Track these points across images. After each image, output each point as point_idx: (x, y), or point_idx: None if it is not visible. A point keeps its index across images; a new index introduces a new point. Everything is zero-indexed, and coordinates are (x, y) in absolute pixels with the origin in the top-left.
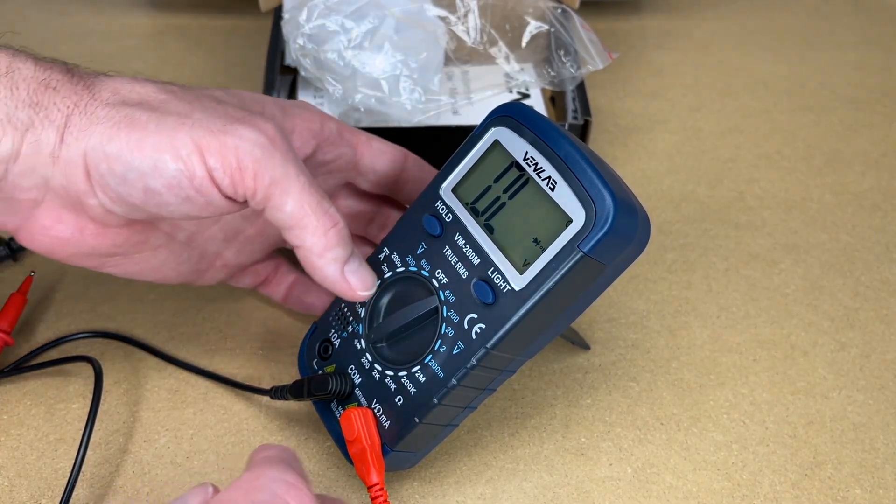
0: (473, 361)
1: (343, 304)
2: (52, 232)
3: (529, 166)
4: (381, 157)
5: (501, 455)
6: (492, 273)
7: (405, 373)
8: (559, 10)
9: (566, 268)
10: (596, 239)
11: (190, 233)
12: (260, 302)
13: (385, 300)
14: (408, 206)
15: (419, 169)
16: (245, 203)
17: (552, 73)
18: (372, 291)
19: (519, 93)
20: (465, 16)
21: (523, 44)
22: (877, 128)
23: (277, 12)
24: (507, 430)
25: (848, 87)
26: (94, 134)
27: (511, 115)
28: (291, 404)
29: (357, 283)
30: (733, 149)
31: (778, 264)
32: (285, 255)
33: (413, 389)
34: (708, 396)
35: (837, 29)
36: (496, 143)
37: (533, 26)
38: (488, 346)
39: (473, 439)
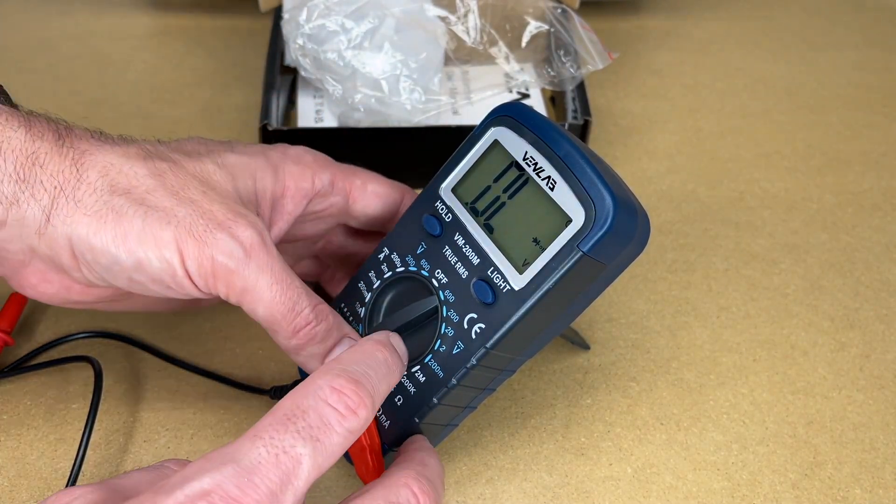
0: (473, 361)
1: (343, 305)
2: (38, 288)
3: (529, 166)
4: (374, 201)
5: (501, 455)
6: (491, 273)
7: (405, 372)
8: (559, 10)
9: (566, 267)
10: (595, 239)
11: None
12: None
13: (385, 300)
14: None
15: None
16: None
17: (552, 73)
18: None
19: (519, 93)
20: (465, 16)
21: (523, 44)
22: (877, 128)
23: (277, 12)
24: (507, 430)
25: (848, 87)
26: (79, 223)
27: (511, 114)
28: None
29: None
30: (733, 149)
31: (778, 264)
32: None
33: (413, 389)
34: (708, 396)
35: (837, 29)
36: (496, 143)
37: (533, 26)
38: (488, 345)
39: (473, 439)
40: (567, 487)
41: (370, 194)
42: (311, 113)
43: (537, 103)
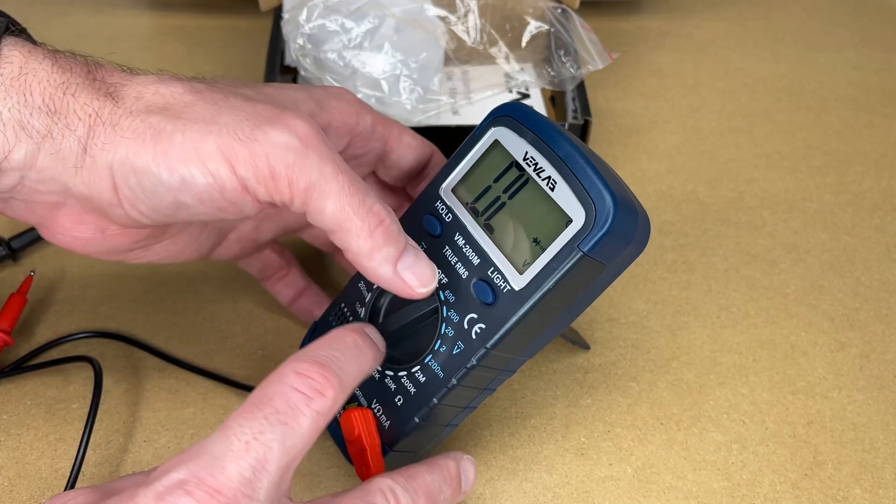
0: (473, 361)
1: (343, 305)
2: (72, 232)
3: (529, 166)
4: (408, 153)
5: (501, 455)
6: (492, 273)
7: (405, 373)
8: (559, 10)
9: (566, 268)
10: (596, 239)
11: None
12: (260, 302)
13: (385, 300)
14: None
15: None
16: (283, 206)
17: (552, 73)
18: (433, 286)
19: (519, 93)
20: (465, 16)
21: (523, 44)
22: (877, 128)
23: (277, 12)
24: (507, 430)
25: (848, 87)
26: (119, 147)
27: (511, 114)
28: None
29: (414, 281)
30: (733, 149)
31: (778, 264)
32: (298, 255)
33: (413, 389)
34: (708, 396)
35: (837, 29)
36: (496, 143)
37: (533, 26)
38: (488, 345)
39: (473, 439)
40: (567, 487)
41: (405, 146)
42: None
43: (537, 103)
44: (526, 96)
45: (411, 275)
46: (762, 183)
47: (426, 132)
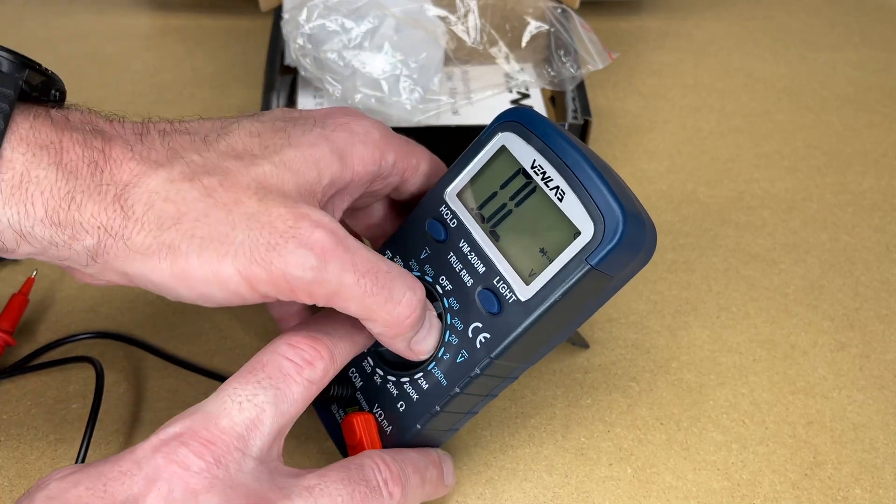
0: (477, 370)
1: None
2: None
3: (537, 175)
4: (421, 180)
5: (501, 455)
6: (497, 282)
7: (408, 379)
8: (559, 10)
9: (573, 280)
10: (605, 252)
11: None
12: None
13: None
14: None
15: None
16: None
17: (552, 73)
18: (432, 352)
19: (519, 93)
20: (465, 16)
21: (523, 44)
22: (877, 128)
23: (277, 12)
24: (507, 430)
25: (848, 87)
26: (134, 262)
27: (519, 120)
28: None
29: (421, 351)
30: (733, 149)
31: (778, 264)
32: None
33: (415, 396)
34: (708, 396)
35: (837, 29)
36: (503, 149)
37: (533, 26)
38: (493, 355)
39: (473, 439)
40: (567, 487)
41: (421, 174)
42: None
43: (537, 103)
44: (526, 96)
45: (420, 347)
46: (762, 183)
47: (426, 132)
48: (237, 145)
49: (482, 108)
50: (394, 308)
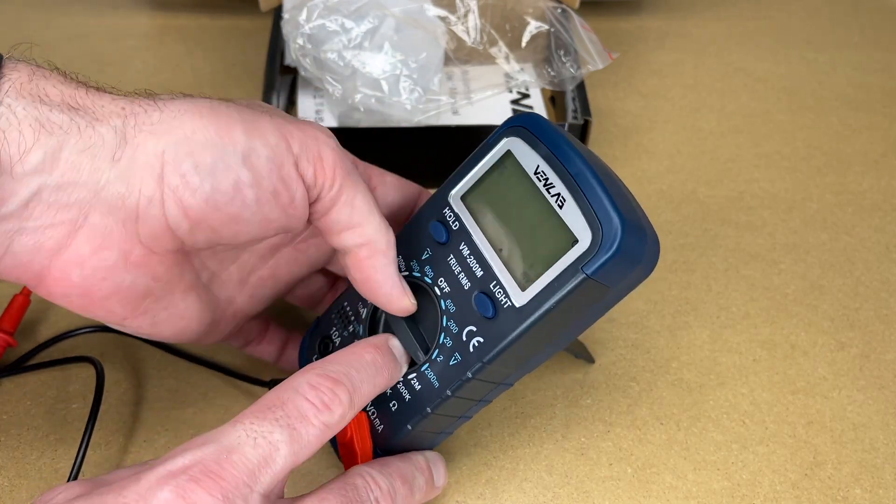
0: (469, 374)
1: (346, 303)
2: (91, 263)
3: (540, 181)
4: (393, 191)
5: (501, 455)
6: (494, 287)
7: (401, 379)
8: (559, 10)
9: (568, 288)
10: (600, 262)
11: (211, 273)
12: None
13: None
14: None
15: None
16: (312, 204)
17: (552, 73)
18: (412, 309)
19: (519, 93)
20: (465, 16)
21: (523, 44)
22: (877, 128)
23: (277, 12)
24: (507, 430)
25: (848, 87)
26: (174, 124)
27: (526, 126)
28: None
29: (408, 291)
30: (733, 149)
31: (778, 264)
32: (273, 314)
33: (408, 396)
34: (708, 396)
35: (837, 29)
36: (508, 154)
37: (533, 26)
38: (485, 360)
39: (473, 439)
40: (567, 487)
41: (388, 185)
42: (311, 113)
43: (537, 103)
44: (526, 96)
45: (408, 288)
46: (762, 183)
47: (426, 132)
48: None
49: (482, 108)
50: (386, 228)
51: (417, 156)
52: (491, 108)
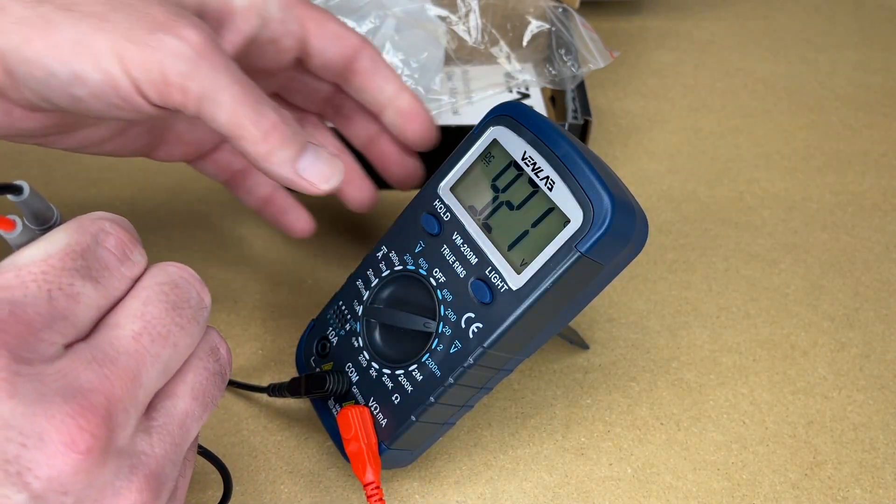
0: (470, 360)
1: (341, 303)
2: None
3: (528, 166)
4: (333, 42)
5: (501, 455)
6: (489, 272)
7: (402, 371)
8: (560, 10)
9: (563, 268)
10: (593, 239)
11: None
12: (260, 301)
13: (383, 299)
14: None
15: (372, 64)
16: (177, 111)
17: (553, 73)
18: (335, 182)
19: (519, 92)
20: (466, 15)
21: (524, 43)
22: (877, 128)
23: None
24: (507, 430)
25: (848, 87)
26: (9, 32)
27: (510, 114)
28: (291, 403)
29: (315, 178)
30: (733, 149)
31: (778, 264)
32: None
33: (410, 388)
34: (708, 396)
35: (837, 29)
36: (495, 142)
37: (534, 25)
38: (485, 345)
39: (473, 439)
40: (567, 487)
41: (329, 33)
42: None
43: (537, 103)
44: (526, 96)
45: (312, 174)
46: (762, 183)
47: None
48: None
49: (482, 107)
50: (259, 118)
51: (418, 155)
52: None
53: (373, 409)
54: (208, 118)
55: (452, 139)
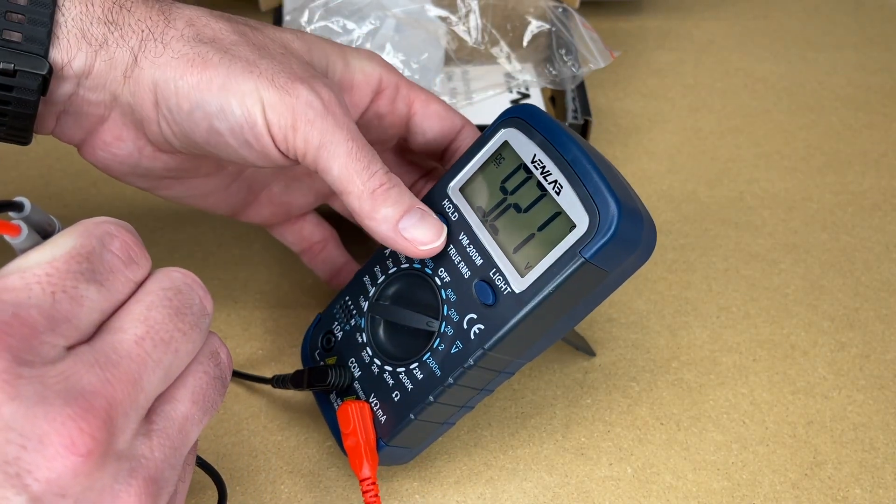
0: (471, 362)
1: (347, 298)
2: (111, 148)
3: (537, 169)
4: (435, 122)
5: (501, 455)
6: (493, 274)
7: (403, 369)
8: (560, 10)
9: (567, 273)
10: (598, 246)
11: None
12: (260, 301)
13: (389, 296)
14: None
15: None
16: (297, 161)
17: (553, 73)
18: (437, 244)
19: (519, 93)
20: (466, 16)
21: (524, 43)
22: (877, 128)
23: (278, 12)
24: (507, 430)
25: (848, 87)
26: (167, 66)
27: (522, 116)
28: (291, 404)
29: (417, 240)
30: (733, 149)
31: (778, 264)
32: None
33: (410, 386)
34: (708, 396)
35: (837, 29)
36: (505, 145)
37: (534, 25)
38: (486, 347)
39: (473, 439)
40: (567, 487)
41: (432, 112)
42: None
43: (537, 103)
44: (526, 96)
45: (414, 234)
46: (762, 183)
47: None
48: (265, 27)
49: (483, 108)
50: (369, 177)
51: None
52: (491, 109)
53: (373, 405)
54: (324, 168)
55: None
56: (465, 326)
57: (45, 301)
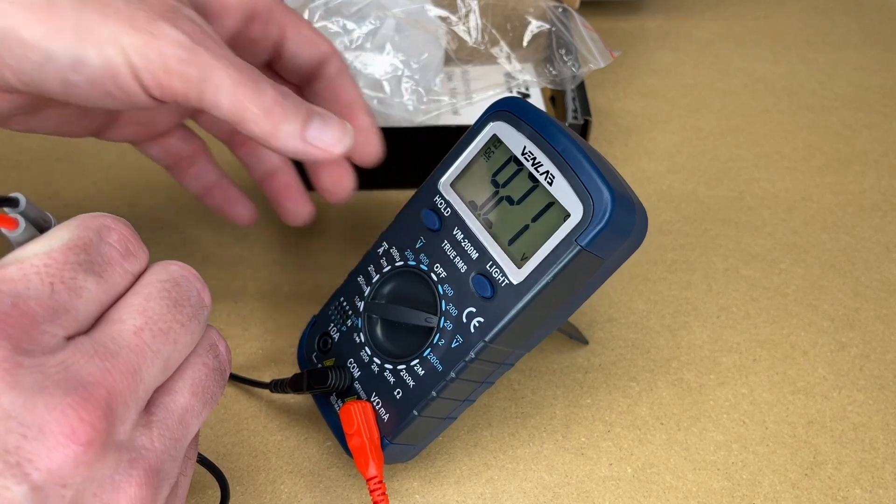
0: (472, 355)
1: (342, 299)
2: None
3: (528, 161)
4: (306, 47)
5: (501, 455)
6: (490, 267)
7: (404, 366)
8: (560, 9)
9: (564, 262)
10: (594, 233)
11: None
12: (260, 301)
13: (384, 294)
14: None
15: (339, 75)
16: (174, 102)
17: (553, 72)
18: (348, 141)
19: (519, 92)
20: (466, 16)
21: (524, 43)
22: (877, 128)
23: None
24: (507, 430)
25: (848, 87)
26: (9, 14)
27: (509, 109)
28: (291, 402)
29: (326, 144)
30: (733, 149)
31: (778, 264)
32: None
33: (412, 383)
34: (708, 396)
35: (837, 29)
36: (494, 138)
37: (534, 25)
38: (487, 339)
39: (473, 439)
40: (567, 487)
41: (303, 38)
42: None
43: (537, 103)
44: (526, 96)
45: (322, 140)
46: (762, 183)
47: (427, 132)
48: None
49: (482, 108)
50: (259, 97)
51: (419, 156)
52: None
53: (375, 404)
54: (210, 104)
55: (453, 140)
56: (465, 320)
57: (43, 291)
